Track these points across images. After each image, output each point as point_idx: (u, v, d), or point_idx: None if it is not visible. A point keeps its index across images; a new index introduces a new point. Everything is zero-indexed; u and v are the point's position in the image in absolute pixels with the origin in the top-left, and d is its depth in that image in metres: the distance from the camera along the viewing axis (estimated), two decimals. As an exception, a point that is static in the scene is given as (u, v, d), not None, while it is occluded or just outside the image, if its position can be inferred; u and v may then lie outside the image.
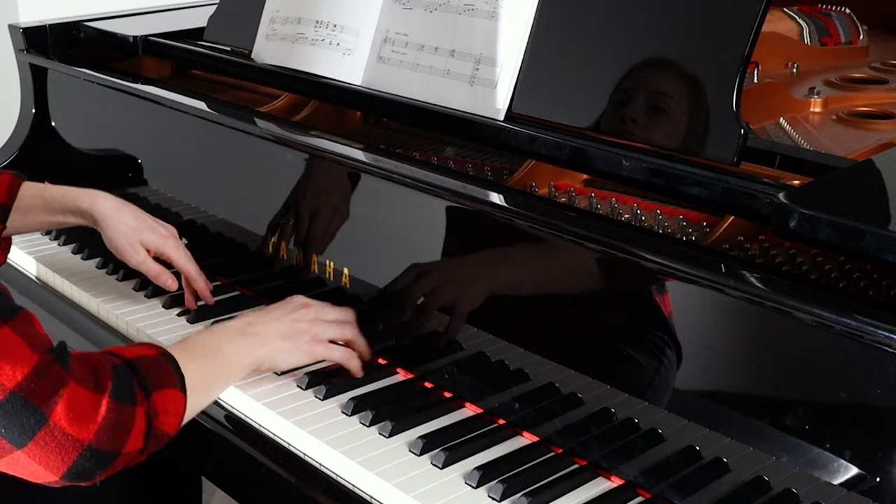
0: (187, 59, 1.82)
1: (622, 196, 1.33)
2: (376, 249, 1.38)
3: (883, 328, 0.91)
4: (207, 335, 1.22)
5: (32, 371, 0.93)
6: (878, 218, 0.97)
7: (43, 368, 0.94)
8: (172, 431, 1.08)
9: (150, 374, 1.05)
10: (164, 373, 1.07)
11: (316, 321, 1.30)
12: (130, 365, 1.04)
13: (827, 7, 1.90)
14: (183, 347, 1.16)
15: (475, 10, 1.40)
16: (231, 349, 1.21)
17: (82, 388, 0.97)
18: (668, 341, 1.08)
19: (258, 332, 1.25)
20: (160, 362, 1.08)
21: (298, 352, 1.27)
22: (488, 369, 1.23)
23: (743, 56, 1.16)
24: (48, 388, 0.94)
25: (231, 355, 1.21)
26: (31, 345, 0.95)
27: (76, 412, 0.95)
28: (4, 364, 0.92)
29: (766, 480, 1.00)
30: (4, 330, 0.94)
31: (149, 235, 1.45)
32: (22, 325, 0.96)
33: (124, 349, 1.08)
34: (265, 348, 1.25)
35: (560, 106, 1.30)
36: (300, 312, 1.30)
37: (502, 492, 1.09)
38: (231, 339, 1.23)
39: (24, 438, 0.94)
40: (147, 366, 1.05)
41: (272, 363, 1.26)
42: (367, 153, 1.40)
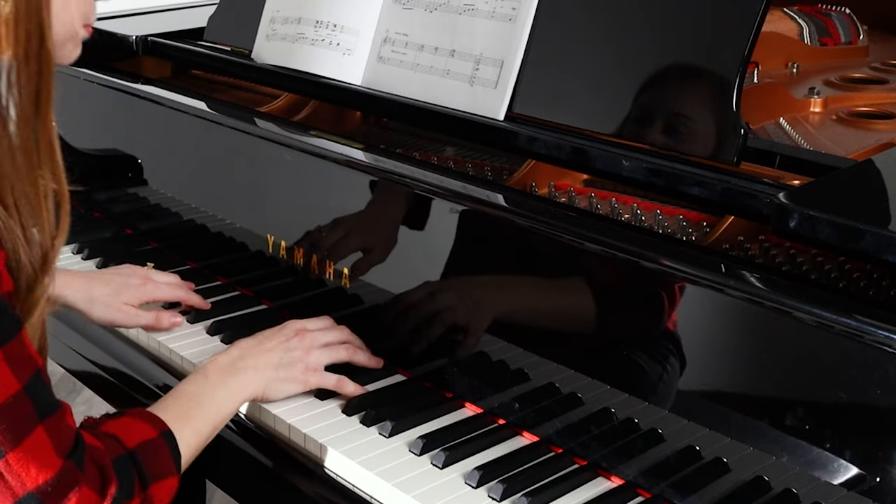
0: (187, 59, 1.82)
1: (622, 196, 1.33)
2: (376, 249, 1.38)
3: (883, 328, 0.91)
4: (200, 382, 1.20)
5: (54, 476, 0.95)
6: (878, 218, 0.97)
7: (62, 474, 0.95)
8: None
9: (150, 466, 1.05)
10: (163, 461, 1.07)
11: (310, 350, 1.29)
12: (132, 457, 1.04)
13: (827, 7, 1.90)
14: (179, 409, 1.14)
15: (475, 10, 1.39)
16: (224, 395, 1.20)
17: (91, 491, 0.98)
18: (669, 341, 1.08)
19: (250, 366, 1.24)
20: (160, 448, 1.08)
21: (292, 382, 1.26)
22: (488, 369, 1.23)
23: (743, 56, 1.16)
24: (62, 492, 0.95)
25: (224, 402, 1.19)
26: (57, 447, 0.96)
27: None
28: (31, 465, 0.93)
29: (766, 480, 1.00)
30: (39, 430, 0.95)
31: (126, 294, 1.46)
32: (55, 424, 0.96)
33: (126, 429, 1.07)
34: (258, 382, 1.23)
35: (560, 106, 1.30)
36: (294, 341, 1.29)
37: (502, 492, 1.09)
38: (224, 381, 1.21)
39: None
40: (147, 456, 1.06)
41: (266, 396, 1.25)
42: (367, 153, 1.40)
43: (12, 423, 0.93)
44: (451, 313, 1.27)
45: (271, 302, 1.53)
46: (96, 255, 1.70)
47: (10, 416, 0.93)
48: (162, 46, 1.82)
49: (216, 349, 1.41)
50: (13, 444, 0.93)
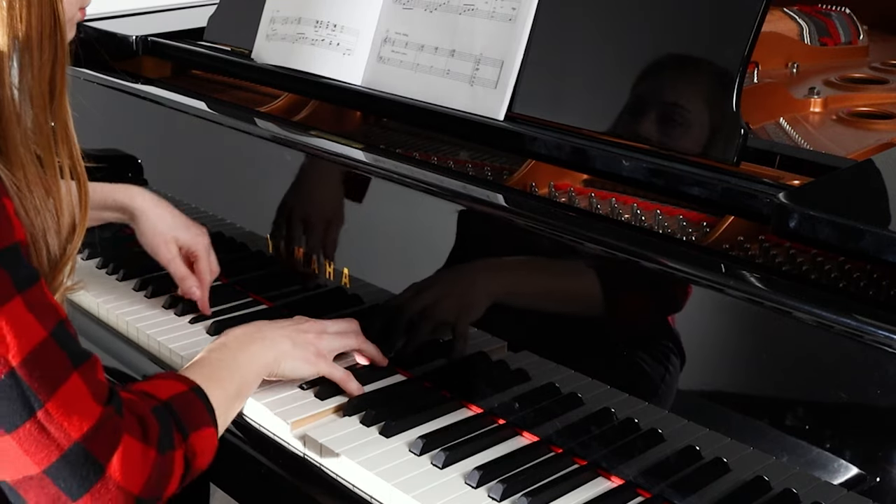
0: (187, 59, 1.82)
1: (622, 196, 1.33)
2: (376, 249, 1.38)
3: (883, 328, 0.91)
4: (221, 350, 1.21)
5: (96, 423, 0.93)
6: (878, 218, 0.97)
7: (104, 421, 0.94)
8: (206, 468, 1.09)
9: (187, 416, 1.05)
10: (198, 411, 1.07)
11: (321, 334, 1.30)
12: (168, 407, 1.04)
13: (827, 7, 1.90)
14: (204, 372, 1.15)
15: (475, 10, 1.39)
16: (245, 360, 1.21)
17: (134, 440, 0.97)
18: (668, 341, 1.08)
19: (266, 337, 1.25)
20: (193, 401, 1.08)
21: (304, 363, 1.27)
22: (488, 369, 1.23)
23: (743, 56, 1.16)
24: (108, 440, 0.94)
25: (246, 367, 1.20)
26: (95, 395, 0.95)
27: (129, 465, 0.96)
28: (73, 414, 0.92)
29: (766, 480, 1.00)
30: (74, 377, 0.93)
31: (183, 234, 1.47)
32: (89, 372, 0.95)
33: (156, 387, 1.07)
34: (274, 351, 1.24)
35: (560, 106, 1.30)
36: (306, 325, 1.31)
37: (502, 492, 1.09)
38: (243, 347, 1.22)
39: (80, 491, 0.93)
40: (182, 406, 1.05)
41: (279, 369, 1.25)
42: (367, 153, 1.40)
43: (45, 371, 0.91)
44: (451, 313, 1.27)
45: (271, 302, 1.53)
46: (96, 255, 1.70)
47: (41, 364, 0.91)
48: (162, 46, 1.83)
49: (216, 349, 1.41)
50: (50, 392, 0.91)
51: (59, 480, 0.92)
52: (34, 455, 0.91)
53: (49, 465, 0.92)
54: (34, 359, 0.91)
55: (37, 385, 0.90)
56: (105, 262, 1.67)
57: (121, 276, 1.61)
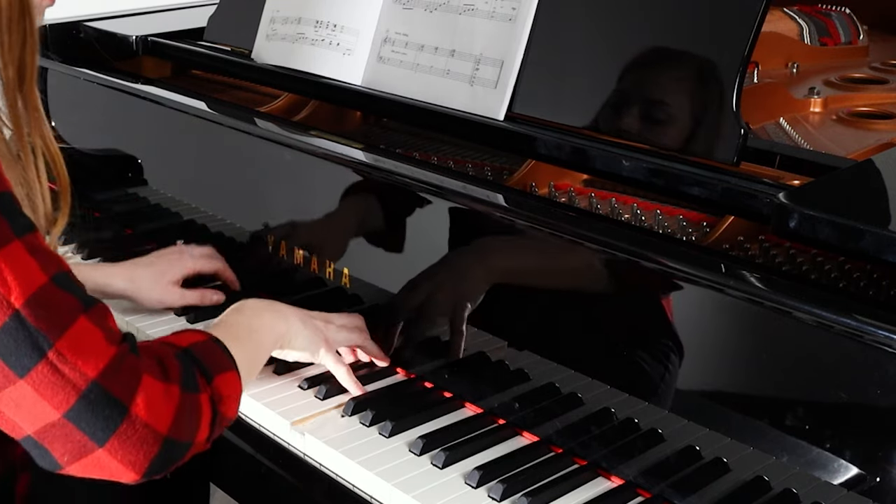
0: (187, 59, 1.82)
1: (622, 196, 1.33)
2: (376, 249, 1.38)
3: (883, 328, 0.91)
4: (236, 315, 1.21)
5: (112, 362, 0.91)
6: (878, 218, 0.97)
7: (120, 359, 0.92)
8: (234, 415, 1.06)
9: (208, 360, 1.03)
10: (219, 357, 1.06)
11: (328, 322, 1.30)
12: (188, 353, 1.02)
13: (827, 7, 1.90)
14: (222, 330, 1.14)
15: (475, 10, 1.40)
16: (260, 325, 1.21)
17: (154, 378, 0.94)
18: (668, 341, 1.08)
19: (278, 309, 1.25)
20: (213, 348, 1.07)
21: (312, 343, 1.26)
22: (488, 369, 1.23)
23: (743, 56, 1.15)
24: (127, 378, 0.92)
25: (261, 333, 1.20)
26: (108, 336, 0.92)
27: (153, 403, 0.93)
28: (87, 354, 0.90)
29: (766, 480, 1.00)
30: (82, 319, 0.91)
31: (170, 272, 1.48)
32: (98, 315, 0.93)
33: (176, 337, 1.06)
34: (287, 324, 1.24)
35: (560, 106, 1.30)
36: (313, 313, 1.31)
37: (502, 492, 1.09)
38: (258, 314, 1.22)
39: (107, 433, 0.91)
40: (203, 352, 1.04)
41: (290, 343, 1.25)
42: (367, 153, 1.40)
43: (52, 312, 0.89)
44: (450, 313, 1.27)
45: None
46: (96, 254, 1.70)
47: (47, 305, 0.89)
48: (162, 46, 1.82)
49: (216, 349, 1.41)
50: (59, 332, 0.89)
51: (81, 424, 0.90)
52: (52, 399, 0.89)
53: (69, 408, 0.89)
54: (38, 300, 0.88)
55: (44, 326, 0.88)
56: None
57: (121, 276, 1.61)
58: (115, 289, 1.46)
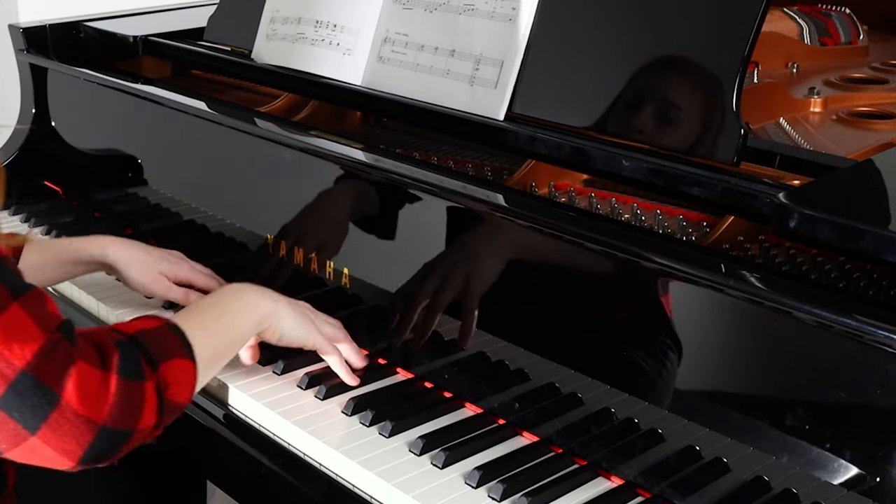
0: (187, 59, 1.82)
1: (622, 196, 1.33)
2: (376, 249, 1.38)
3: (883, 328, 0.91)
4: (214, 297, 1.20)
5: (41, 349, 0.90)
6: (878, 218, 0.97)
7: (52, 346, 0.91)
8: (186, 401, 1.06)
9: (155, 347, 1.02)
10: (169, 343, 1.05)
11: (316, 312, 1.30)
12: (134, 340, 1.01)
13: (827, 7, 1.90)
14: (189, 315, 1.13)
15: (475, 10, 1.40)
16: (240, 306, 1.19)
17: (90, 366, 0.94)
18: (669, 341, 1.08)
19: (267, 291, 1.24)
20: (165, 334, 1.06)
21: (302, 326, 1.25)
22: (488, 369, 1.23)
23: (743, 56, 1.16)
24: (57, 366, 0.91)
25: (239, 313, 1.18)
26: (40, 323, 0.92)
27: (87, 392, 0.93)
28: (13, 343, 0.89)
29: (766, 480, 1.00)
30: (14, 307, 0.90)
31: (165, 265, 1.47)
32: (31, 302, 0.93)
33: (126, 324, 1.06)
34: (274, 304, 1.23)
35: (560, 106, 1.30)
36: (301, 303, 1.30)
37: (502, 492, 1.09)
38: (238, 295, 1.21)
39: (37, 421, 0.90)
40: (151, 338, 1.03)
41: (276, 325, 1.23)
42: (367, 153, 1.40)
43: None
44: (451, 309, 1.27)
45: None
46: (96, 255, 1.69)
47: None
48: (162, 46, 1.83)
49: (216, 349, 1.41)
50: None
51: (12, 412, 0.90)
52: None
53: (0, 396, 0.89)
54: None
55: None
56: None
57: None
58: (108, 258, 1.45)
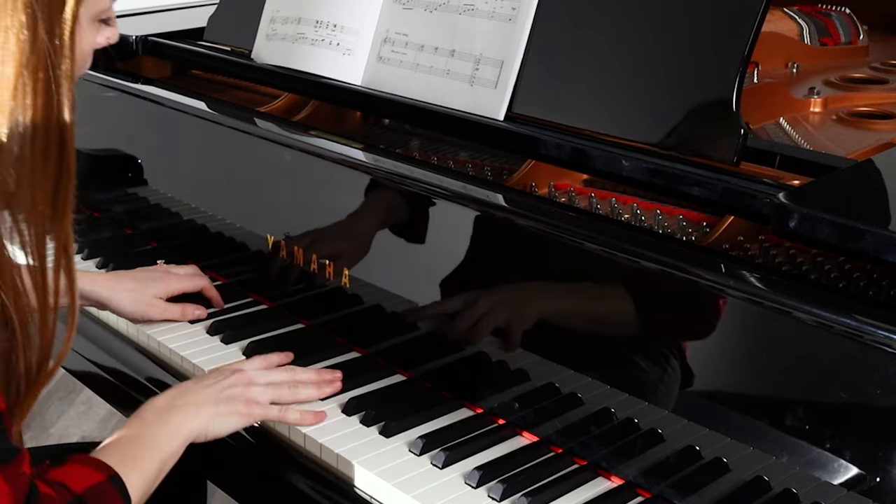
0: (187, 59, 1.82)
1: (622, 196, 1.33)
2: (376, 249, 1.38)
3: (883, 328, 0.91)
4: (139, 424, 1.16)
5: None
6: (878, 218, 0.97)
7: None
8: None
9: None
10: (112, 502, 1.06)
11: (250, 384, 1.24)
12: (81, 502, 1.02)
13: (827, 7, 1.90)
14: (122, 453, 1.11)
15: (475, 10, 1.40)
16: (165, 433, 1.16)
17: None
18: (668, 341, 1.08)
19: (189, 402, 1.19)
20: (108, 490, 1.06)
21: (235, 415, 1.20)
22: (488, 369, 1.23)
23: (743, 56, 1.15)
24: None
25: (168, 442, 1.15)
26: (16, 494, 0.93)
27: None
28: None
29: (766, 480, 1.00)
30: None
31: (154, 287, 1.48)
32: (13, 472, 0.94)
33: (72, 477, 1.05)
34: (199, 419, 1.18)
35: (560, 106, 1.30)
36: (232, 378, 1.24)
37: (502, 492, 1.09)
38: (163, 420, 1.17)
39: None
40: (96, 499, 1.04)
41: (209, 432, 1.19)
42: (367, 153, 1.40)
43: None
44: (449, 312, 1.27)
45: (271, 302, 1.53)
46: (96, 254, 1.70)
47: None
48: (162, 46, 1.83)
49: (215, 349, 1.42)
50: None
51: None
52: None
53: None
54: None
55: None
56: (105, 262, 1.67)
57: (121, 276, 1.61)
58: (96, 297, 1.46)
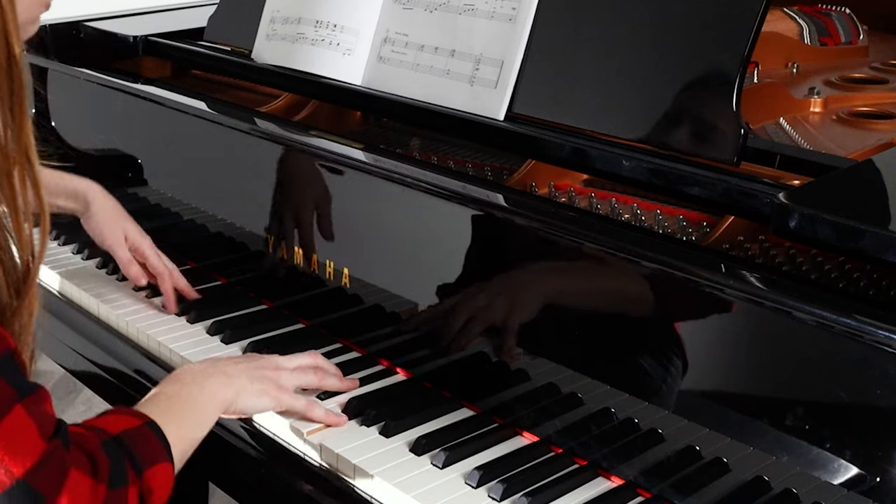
0: (187, 59, 1.82)
1: (622, 196, 1.33)
2: (376, 249, 1.38)
3: (883, 328, 0.91)
4: (177, 386, 1.17)
5: (40, 459, 0.91)
6: (878, 218, 0.97)
7: (49, 456, 0.92)
8: None
9: (140, 451, 1.02)
10: (152, 447, 1.04)
11: (278, 369, 1.25)
12: (119, 442, 1.01)
13: (827, 7, 1.90)
14: (159, 407, 1.11)
15: (475, 10, 1.39)
16: (202, 396, 1.16)
17: (82, 474, 0.94)
18: (668, 341, 1.08)
19: (224, 371, 1.21)
20: (147, 435, 1.05)
21: (266, 396, 1.22)
22: (488, 369, 1.23)
23: (743, 56, 1.15)
24: (53, 476, 0.92)
25: (204, 404, 1.16)
26: (40, 429, 0.92)
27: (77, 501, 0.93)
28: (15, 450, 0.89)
29: (766, 480, 1.00)
30: (17, 409, 0.90)
31: (131, 226, 1.53)
32: (35, 404, 0.93)
33: (108, 422, 1.04)
34: (233, 387, 1.20)
35: (560, 106, 1.30)
36: (262, 361, 1.26)
37: (502, 492, 1.09)
38: (200, 383, 1.18)
39: None
40: (135, 442, 1.02)
41: (239, 405, 1.20)
42: (367, 153, 1.40)
43: None
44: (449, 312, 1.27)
45: (271, 302, 1.53)
46: (96, 255, 1.70)
47: None
48: (162, 46, 1.82)
49: (216, 349, 1.42)
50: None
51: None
52: None
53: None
54: None
55: None
56: (105, 262, 1.67)
57: (121, 276, 1.61)
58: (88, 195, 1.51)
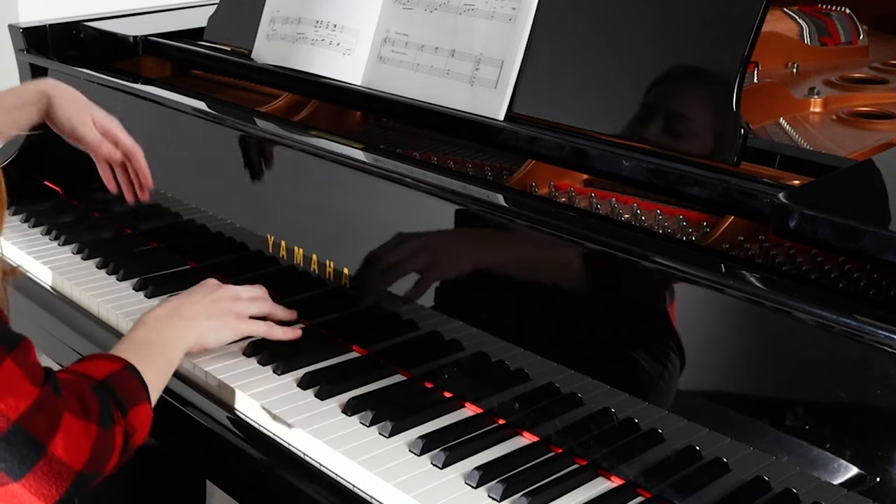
0: (187, 59, 1.82)
1: (622, 196, 1.33)
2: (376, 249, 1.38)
3: (883, 328, 0.91)
4: (144, 330, 1.25)
5: (34, 404, 0.94)
6: (878, 218, 0.97)
7: (43, 401, 0.95)
8: (142, 442, 1.11)
9: (123, 393, 1.08)
10: (133, 388, 1.10)
11: (236, 299, 1.34)
12: (105, 386, 1.06)
13: (827, 7, 1.90)
14: (132, 351, 1.18)
15: (475, 10, 1.40)
16: (168, 340, 1.25)
17: (75, 417, 0.98)
18: (669, 341, 1.08)
19: (185, 316, 1.29)
20: (128, 377, 1.11)
21: (225, 329, 1.32)
22: (488, 369, 1.23)
23: (743, 56, 1.16)
24: (48, 419, 0.95)
25: (170, 347, 1.24)
26: (31, 376, 0.95)
27: (72, 443, 0.97)
28: (8, 397, 0.93)
29: (766, 480, 1.00)
30: (7, 361, 0.94)
31: (97, 111, 1.55)
32: (23, 355, 0.96)
33: (90, 367, 1.09)
34: (194, 330, 1.29)
35: (560, 106, 1.30)
36: (219, 293, 1.34)
37: (502, 492, 1.09)
38: (164, 328, 1.26)
39: (23, 470, 0.94)
40: (119, 384, 1.08)
41: (202, 343, 1.30)
42: (367, 153, 1.40)
43: None
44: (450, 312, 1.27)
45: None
46: (96, 255, 1.70)
47: None
48: (162, 46, 1.83)
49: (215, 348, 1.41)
50: None
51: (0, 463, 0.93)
52: None
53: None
54: None
55: None
56: (105, 261, 1.67)
57: (121, 275, 1.61)
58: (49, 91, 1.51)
